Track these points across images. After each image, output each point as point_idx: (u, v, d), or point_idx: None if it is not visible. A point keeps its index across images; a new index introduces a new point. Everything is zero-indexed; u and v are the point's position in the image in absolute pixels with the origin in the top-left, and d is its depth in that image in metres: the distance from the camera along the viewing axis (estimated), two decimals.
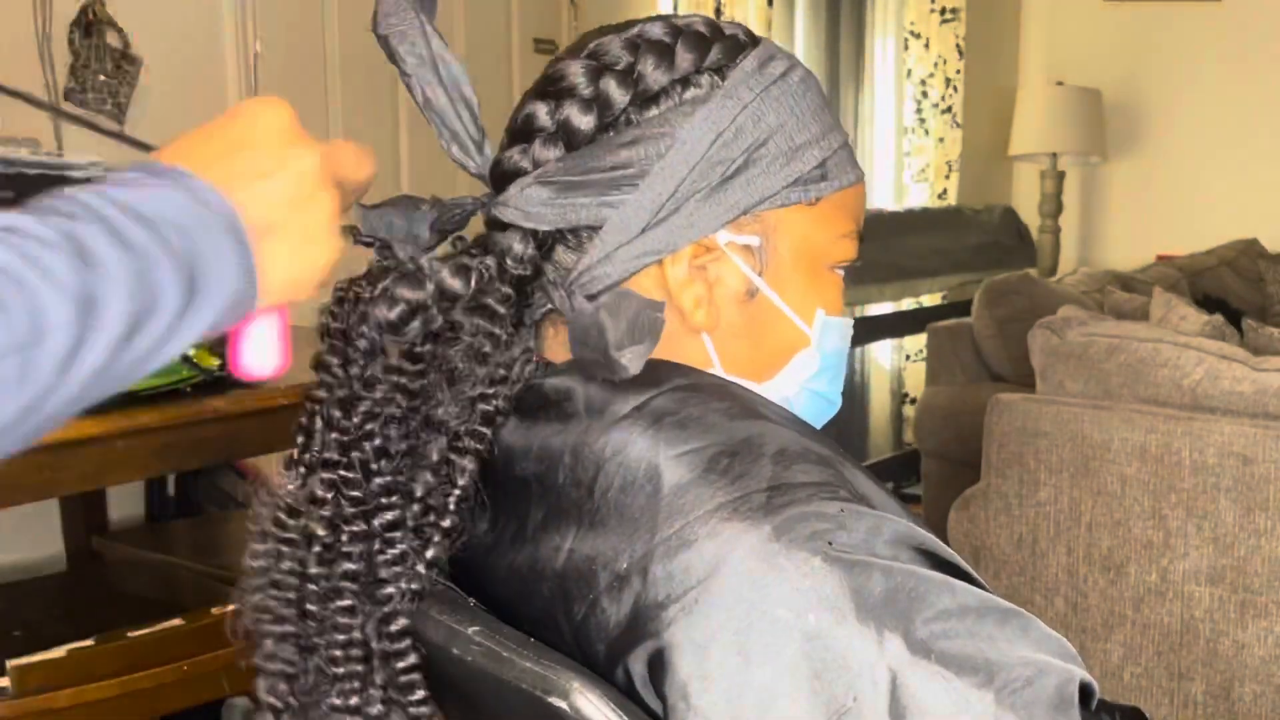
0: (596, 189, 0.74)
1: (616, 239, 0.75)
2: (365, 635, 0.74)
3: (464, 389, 0.75)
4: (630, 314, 0.74)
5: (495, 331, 0.74)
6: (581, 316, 0.75)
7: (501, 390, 0.75)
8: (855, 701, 0.61)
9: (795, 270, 0.79)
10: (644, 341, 0.74)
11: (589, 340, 0.74)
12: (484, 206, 0.77)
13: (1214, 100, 4.70)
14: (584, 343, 0.75)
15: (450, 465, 0.74)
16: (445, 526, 0.75)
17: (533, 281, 0.77)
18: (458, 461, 0.74)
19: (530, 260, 0.75)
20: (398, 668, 0.74)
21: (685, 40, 0.76)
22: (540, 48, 3.25)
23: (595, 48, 0.76)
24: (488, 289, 0.73)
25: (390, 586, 0.73)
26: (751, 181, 0.75)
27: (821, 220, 0.79)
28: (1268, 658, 2.08)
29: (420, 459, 0.75)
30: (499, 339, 0.74)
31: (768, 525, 0.64)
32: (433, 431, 0.75)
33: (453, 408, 0.75)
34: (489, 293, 0.73)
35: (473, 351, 0.74)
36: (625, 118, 0.75)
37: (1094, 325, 2.38)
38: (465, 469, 0.74)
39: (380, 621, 0.74)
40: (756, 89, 0.76)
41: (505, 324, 0.74)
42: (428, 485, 0.74)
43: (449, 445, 0.75)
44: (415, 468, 0.75)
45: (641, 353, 0.74)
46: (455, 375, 0.75)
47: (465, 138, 0.75)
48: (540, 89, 0.77)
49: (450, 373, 0.75)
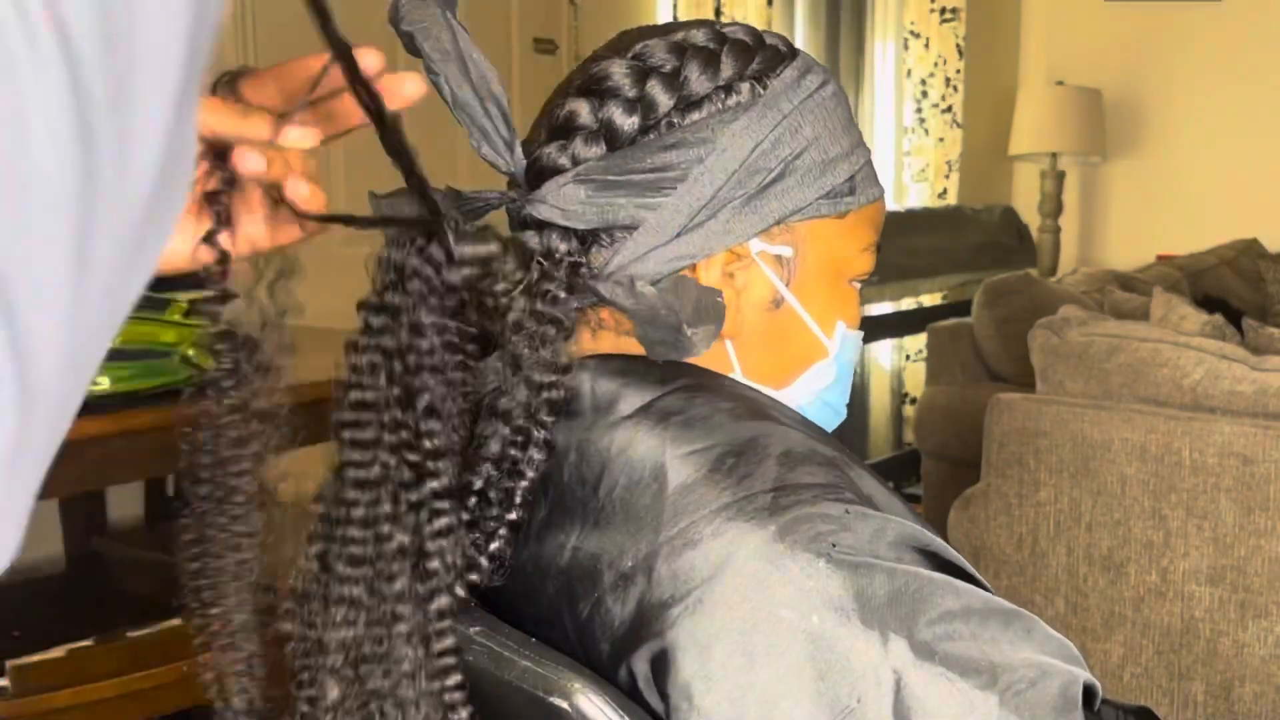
0: (635, 190, 0.74)
1: (652, 240, 0.75)
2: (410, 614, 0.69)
3: (531, 375, 0.72)
4: (694, 295, 0.74)
5: (559, 316, 0.72)
6: (646, 299, 0.74)
7: (563, 380, 0.73)
8: (859, 703, 0.61)
9: (819, 282, 0.80)
10: (711, 322, 0.74)
11: (660, 319, 0.74)
12: (514, 203, 0.76)
13: (1214, 100, 4.70)
14: (654, 321, 0.74)
15: (512, 460, 0.72)
16: (511, 519, 0.72)
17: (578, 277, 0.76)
18: (523, 455, 0.72)
19: (576, 254, 0.75)
20: (437, 649, 0.68)
21: (730, 48, 0.76)
22: (540, 47, 3.24)
23: (641, 49, 0.76)
24: (548, 276, 0.73)
25: (435, 560, 0.67)
26: (786, 192, 0.76)
27: (847, 233, 0.80)
28: (1268, 658, 2.08)
29: (481, 449, 0.73)
30: (563, 324, 0.73)
31: (772, 526, 0.64)
32: (496, 422, 0.73)
33: (520, 393, 0.72)
34: (550, 279, 0.73)
35: (538, 338, 0.72)
36: (668, 121, 0.75)
37: (1094, 325, 2.38)
38: (534, 459, 0.72)
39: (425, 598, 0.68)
40: (795, 101, 0.76)
41: (568, 310, 0.73)
42: (488, 478, 0.72)
43: (512, 435, 0.72)
44: (476, 459, 0.72)
45: (711, 333, 0.74)
46: (520, 363, 0.72)
47: (495, 136, 0.74)
48: (583, 87, 0.77)
49: (515, 360, 0.73)
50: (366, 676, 0.70)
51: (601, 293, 0.76)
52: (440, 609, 0.68)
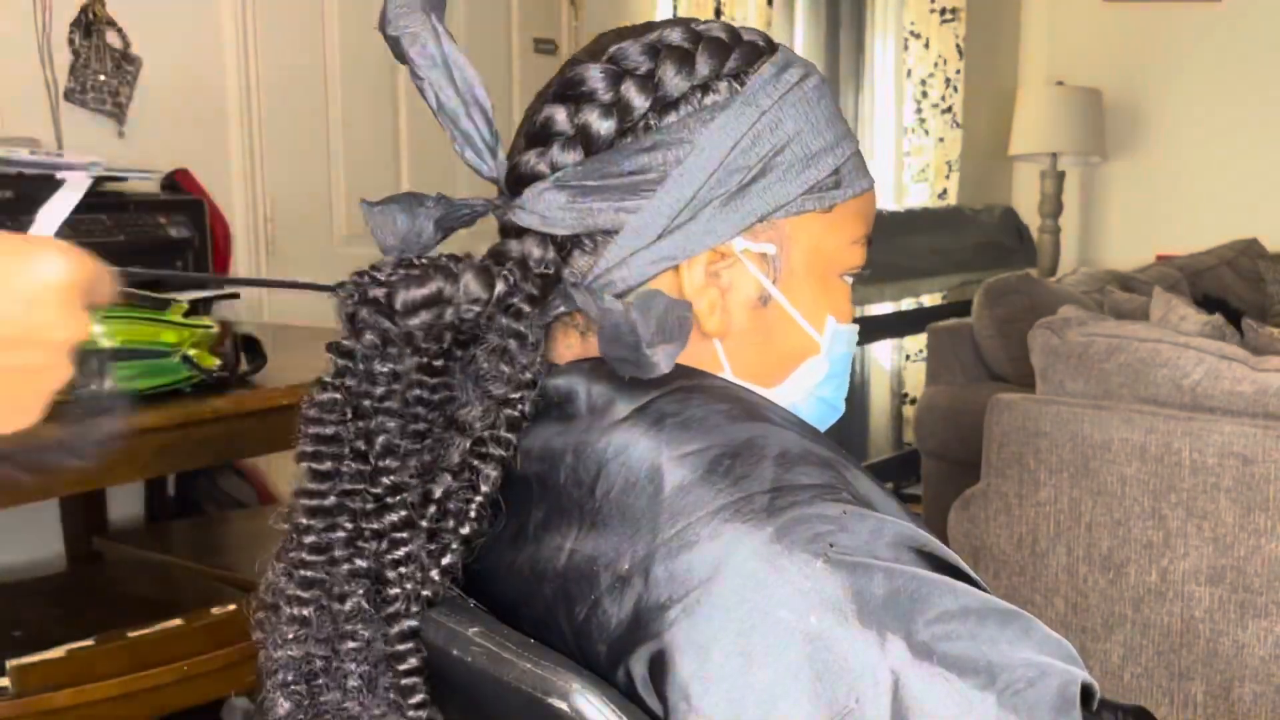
0: (615, 194, 0.74)
1: (633, 244, 0.75)
2: (372, 636, 0.72)
3: (491, 389, 0.73)
4: (659, 312, 0.73)
5: (522, 331, 0.73)
6: (611, 315, 0.73)
7: (527, 395, 0.73)
8: (857, 703, 0.61)
9: (807, 277, 0.79)
10: (673, 341, 0.73)
11: (621, 337, 0.73)
12: (497, 209, 0.76)
13: (1214, 100, 4.70)
14: (615, 339, 0.73)
15: (472, 470, 0.72)
16: (465, 534, 0.72)
17: (554, 284, 0.76)
18: (481, 468, 0.72)
19: (552, 263, 0.75)
20: (399, 669, 0.73)
21: (705, 46, 0.76)
22: (540, 48, 3.25)
23: (615, 52, 0.76)
24: (514, 290, 0.73)
25: (395, 588, 0.71)
26: (768, 189, 0.76)
27: (834, 227, 0.79)
28: (1268, 658, 2.08)
29: (440, 459, 0.73)
30: (526, 339, 0.73)
31: (769, 527, 0.64)
32: (455, 432, 0.73)
33: (478, 409, 0.73)
34: (515, 293, 0.73)
35: (500, 352, 0.73)
36: (644, 123, 0.75)
37: (1094, 325, 2.38)
38: (489, 476, 0.72)
39: (385, 621, 0.72)
40: (774, 96, 0.76)
41: (532, 324, 0.73)
42: (447, 488, 0.72)
43: (471, 450, 0.72)
44: (434, 469, 0.73)
45: (672, 351, 0.73)
46: (481, 376, 0.73)
47: (479, 141, 0.75)
48: (559, 92, 0.77)
49: (477, 374, 0.73)
50: (317, 693, 0.72)
51: (575, 301, 0.76)
52: (402, 632, 0.71)
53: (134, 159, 2.33)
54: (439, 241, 0.76)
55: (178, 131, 2.45)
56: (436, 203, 0.76)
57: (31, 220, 0.66)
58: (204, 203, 2.15)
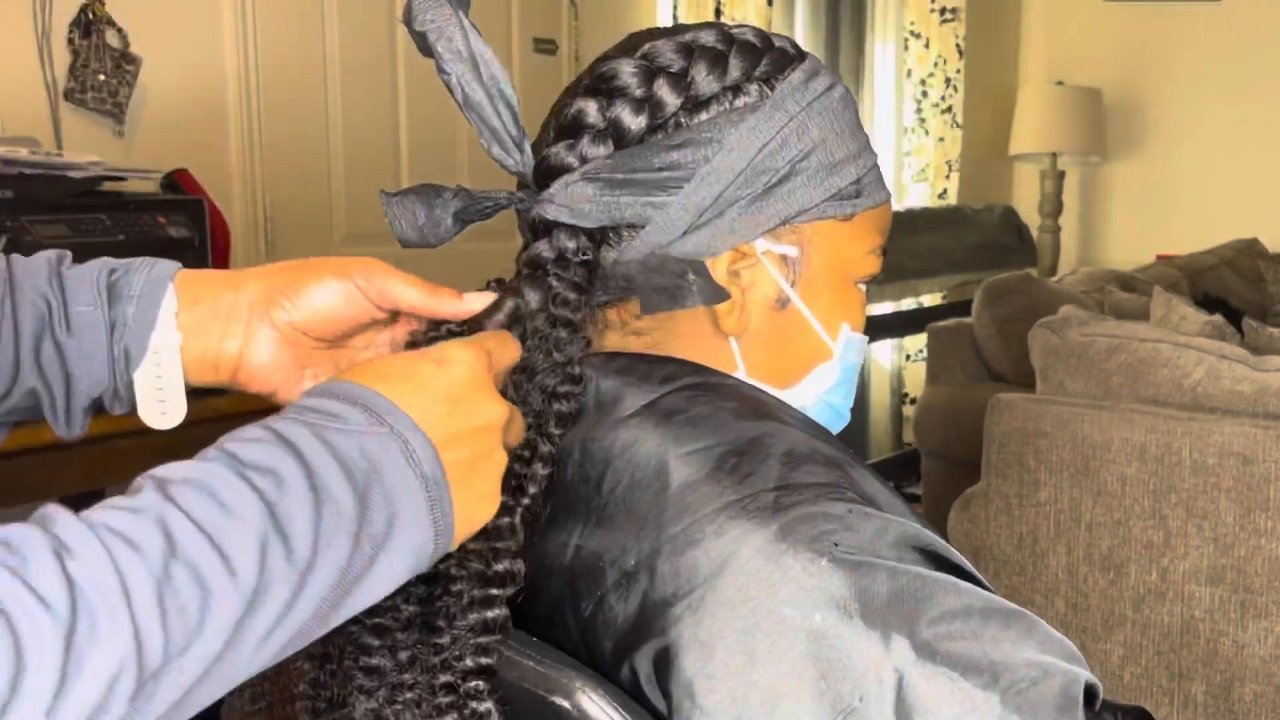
0: (642, 188, 0.74)
1: (658, 239, 0.76)
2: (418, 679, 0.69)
3: (545, 381, 0.73)
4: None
5: (572, 319, 0.73)
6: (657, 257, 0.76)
7: (574, 390, 0.73)
8: (861, 702, 0.61)
9: (825, 283, 0.80)
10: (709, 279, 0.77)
11: (666, 266, 0.76)
12: (522, 203, 0.76)
13: (1214, 100, 4.71)
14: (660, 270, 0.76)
15: (518, 475, 0.70)
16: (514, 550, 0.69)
17: (594, 269, 0.77)
18: (527, 470, 0.70)
19: (588, 249, 0.76)
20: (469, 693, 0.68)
21: (738, 49, 0.77)
22: (540, 47, 3.25)
23: (649, 50, 0.77)
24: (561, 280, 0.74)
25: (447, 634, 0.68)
26: (793, 193, 0.77)
27: (854, 235, 0.81)
28: (1268, 658, 2.08)
29: None
30: (576, 328, 0.73)
31: (774, 525, 0.64)
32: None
33: (532, 402, 0.72)
34: (563, 283, 0.74)
35: (551, 341, 0.73)
36: (675, 121, 0.75)
37: (1094, 325, 2.38)
38: (536, 476, 0.71)
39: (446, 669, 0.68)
40: (802, 102, 0.77)
41: (580, 311, 0.74)
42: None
43: (518, 452, 0.70)
44: None
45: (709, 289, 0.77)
46: (532, 369, 0.73)
47: (505, 136, 0.75)
48: (591, 86, 0.77)
49: (528, 368, 0.73)
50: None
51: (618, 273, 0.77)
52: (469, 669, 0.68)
53: (134, 159, 2.33)
54: (457, 233, 0.76)
55: (177, 131, 2.45)
56: (456, 194, 0.76)
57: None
58: (204, 202, 2.14)
